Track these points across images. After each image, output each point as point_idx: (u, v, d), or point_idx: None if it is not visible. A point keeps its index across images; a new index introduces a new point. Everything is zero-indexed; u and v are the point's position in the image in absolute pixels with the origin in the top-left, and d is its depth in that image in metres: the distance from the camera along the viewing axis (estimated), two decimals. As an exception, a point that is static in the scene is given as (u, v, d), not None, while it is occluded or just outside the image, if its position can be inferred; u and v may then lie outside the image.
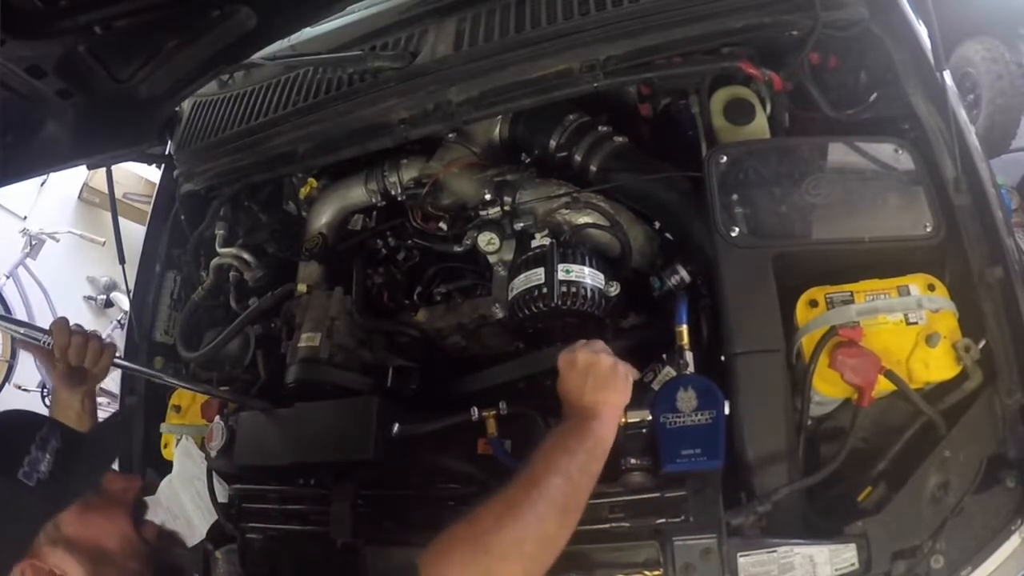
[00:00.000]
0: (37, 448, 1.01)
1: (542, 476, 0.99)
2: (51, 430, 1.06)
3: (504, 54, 1.61)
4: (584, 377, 1.12)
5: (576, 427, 1.07)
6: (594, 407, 1.09)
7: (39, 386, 4.44)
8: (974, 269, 1.22)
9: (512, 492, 0.98)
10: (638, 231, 1.52)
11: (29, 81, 1.28)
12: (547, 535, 0.97)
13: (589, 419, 1.08)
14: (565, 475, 1.00)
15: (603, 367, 1.12)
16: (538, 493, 0.97)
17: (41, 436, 1.03)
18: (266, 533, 1.49)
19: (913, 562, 1.10)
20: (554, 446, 1.04)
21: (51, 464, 1.01)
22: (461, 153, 1.71)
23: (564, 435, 1.06)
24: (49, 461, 1.01)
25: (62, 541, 1.04)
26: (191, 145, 2.01)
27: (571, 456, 1.02)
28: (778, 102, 1.51)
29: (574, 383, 1.12)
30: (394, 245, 1.76)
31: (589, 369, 1.12)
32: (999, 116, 3.46)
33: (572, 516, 0.99)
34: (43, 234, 4.45)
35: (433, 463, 1.39)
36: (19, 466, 0.99)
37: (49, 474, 1.00)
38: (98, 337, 1.47)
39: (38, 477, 0.99)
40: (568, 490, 0.99)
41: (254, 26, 1.37)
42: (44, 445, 1.03)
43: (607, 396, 1.11)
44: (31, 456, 1.00)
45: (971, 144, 1.32)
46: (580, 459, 1.03)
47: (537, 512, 0.96)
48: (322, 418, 1.43)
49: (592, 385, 1.11)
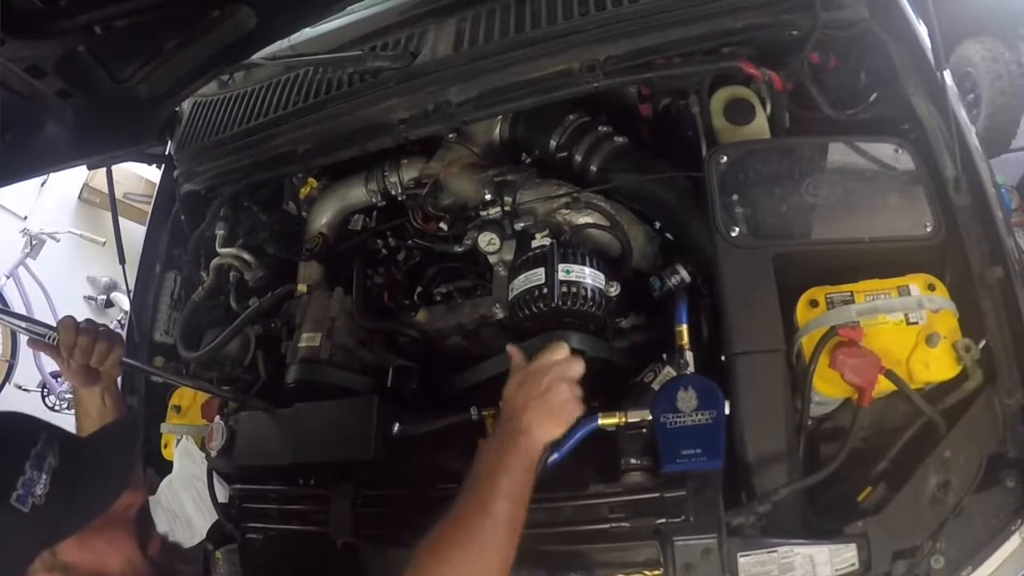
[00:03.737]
0: (32, 467, 0.91)
1: (491, 501, 1.01)
2: (47, 444, 0.95)
3: (504, 54, 1.61)
4: (538, 398, 1.10)
5: (510, 444, 1.07)
6: (530, 428, 1.08)
7: (39, 386, 4.44)
8: (974, 269, 1.22)
9: (470, 522, 0.99)
10: (638, 231, 1.52)
11: (29, 81, 1.28)
12: (505, 556, 0.99)
13: (521, 434, 1.07)
14: (509, 496, 1.02)
15: (559, 398, 1.10)
16: (492, 522, 0.99)
17: (37, 452, 0.93)
18: (266, 533, 1.49)
19: (913, 562, 1.10)
20: (496, 466, 1.04)
21: (48, 486, 0.91)
22: (461, 153, 1.71)
23: (500, 452, 1.06)
24: (46, 482, 0.91)
25: (59, 568, 0.94)
26: (191, 145, 2.01)
27: (511, 475, 1.03)
28: (778, 102, 1.51)
29: (524, 396, 1.11)
30: (394, 245, 1.76)
31: (546, 393, 1.10)
32: (999, 116, 3.47)
33: (519, 529, 1.02)
34: (43, 234, 4.45)
35: (433, 463, 1.39)
36: (12, 489, 0.88)
37: (45, 498, 0.90)
38: (107, 335, 1.42)
39: (33, 502, 0.89)
40: (515, 512, 1.02)
41: (254, 26, 1.37)
42: (40, 463, 0.92)
43: (546, 427, 1.09)
44: (25, 476, 0.90)
45: (971, 144, 1.32)
46: (518, 476, 1.04)
47: (496, 540, 0.99)
48: (322, 418, 1.43)
49: (539, 409, 1.09)
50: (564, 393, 1.11)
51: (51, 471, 0.93)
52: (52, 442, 0.96)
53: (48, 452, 0.94)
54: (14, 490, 0.88)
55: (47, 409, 4.39)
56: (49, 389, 4.45)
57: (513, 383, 1.15)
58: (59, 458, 0.95)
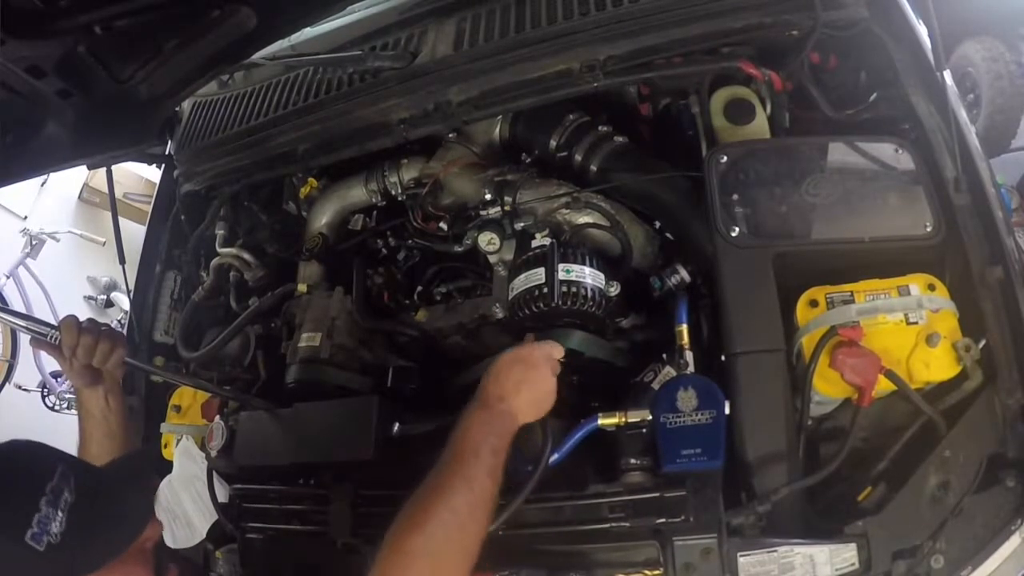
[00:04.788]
0: (48, 504, 0.89)
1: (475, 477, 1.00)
2: (63, 479, 0.93)
3: (504, 54, 1.61)
4: (527, 385, 1.11)
5: (499, 424, 1.07)
6: (518, 412, 1.09)
7: (39, 386, 4.43)
8: (974, 269, 1.22)
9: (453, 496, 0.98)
10: (638, 231, 1.52)
11: (29, 81, 1.28)
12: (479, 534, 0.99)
13: (509, 416, 1.08)
14: (491, 474, 1.02)
15: (548, 387, 1.13)
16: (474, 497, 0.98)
17: (53, 488, 0.91)
18: (266, 533, 1.49)
19: (913, 562, 1.10)
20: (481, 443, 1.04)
21: (64, 524, 0.89)
22: (461, 153, 1.71)
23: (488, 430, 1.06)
24: (62, 520, 0.89)
25: None
26: (191, 145, 2.01)
27: (496, 454, 1.04)
28: (778, 102, 1.51)
29: (513, 382, 1.11)
30: (394, 245, 1.76)
31: (535, 384, 1.12)
32: (999, 116, 3.47)
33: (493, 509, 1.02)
34: (43, 234, 4.45)
35: (433, 463, 1.38)
36: (28, 527, 0.86)
37: (61, 536, 0.88)
38: (109, 335, 1.42)
39: (48, 540, 0.87)
40: (493, 490, 1.02)
41: (254, 26, 1.37)
42: (56, 500, 0.90)
43: (530, 414, 1.11)
44: (41, 514, 0.87)
45: (971, 144, 1.32)
46: (501, 456, 1.04)
47: (476, 516, 0.98)
48: (322, 418, 1.43)
49: (529, 396, 1.11)
50: (551, 383, 1.13)
51: (67, 508, 0.91)
52: (68, 476, 0.94)
53: (64, 487, 0.92)
54: (30, 528, 0.86)
55: (47, 409, 4.39)
56: (49, 389, 4.44)
57: (509, 358, 1.14)
58: (75, 494, 0.93)
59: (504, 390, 1.10)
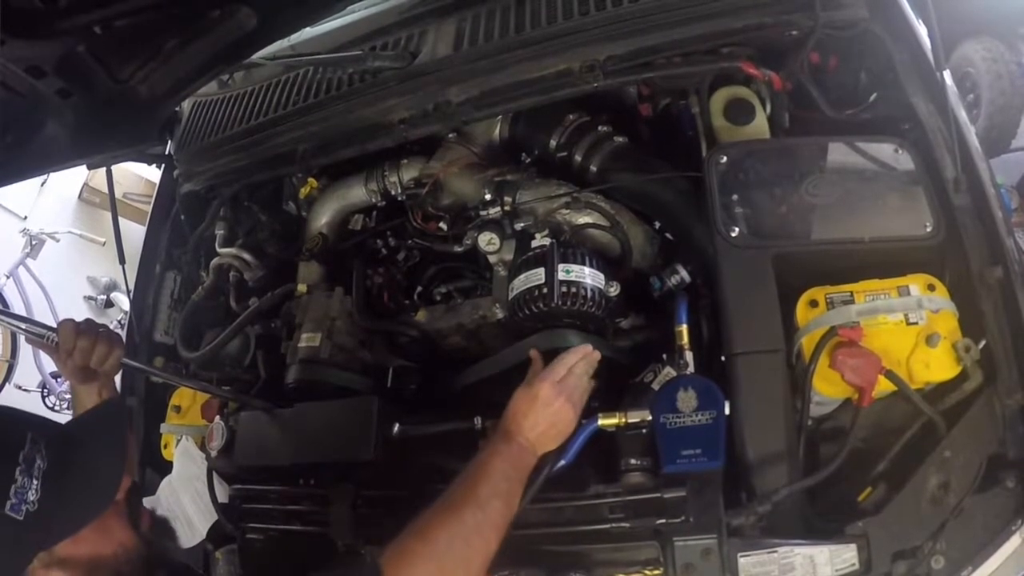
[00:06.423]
0: (23, 474, 0.90)
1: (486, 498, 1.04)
2: (34, 445, 0.94)
3: (504, 54, 1.61)
4: (550, 419, 1.15)
5: (517, 459, 1.11)
6: (537, 446, 1.14)
7: (39, 386, 4.44)
8: (974, 269, 1.22)
9: (462, 511, 1.02)
10: (638, 231, 1.52)
11: (29, 81, 1.28)
12: (486, 553, 1.02)
13: (528, 452, 1.13)
14: (504, 498, 1.06)
15: (567, 418, 1.16)
16: (483, 515, 1.03)
17: (25, 456, 0.92)
18: (266, 533, 1.49)
19: (913, 562, 1.10)
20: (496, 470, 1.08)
21: (39, 491, 0.90)
22: (461, 153, 1.71)
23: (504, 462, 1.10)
24: (37, 488, 0.90)
25: (56, 564, 0.96)
26: (191, 145, 2.01)
27: (510, 482, 1.08)
28: (778, 102, 1.51)
29: (537, 417, 1.14)
30: (394, 245, 1.76)
31: (553, 419, 1.15)
32: (999, 116, 3.47)
33: (503, 534, 1.05)
34: (43, 234, 4.46)
35: (433, 464, 1.39)
36: (6, 498, 0.88)
37: (38, 503, 0.90)
38: (106, 337, 1.43)
39: (27, 509, 0.89)
40: (505, 513, 1.06)
41: (254, 26, 1.37)
42: (30, 468, 0.91)
43: (550, 446, 1.15)
44: (17, 484, 0.89)
45: (971, 144, 1.32)
46: (515, 484, 1.09)
47: (483, 534, 1.02)
48: (322, 418, 1.43)
49: (549, 433, 1.15)
50: (570, 413, 1.16)
51: (41, 475, 0.92)
52: (38, 442, 0.95)
53: (36, 455, 0.93)
54: (8, 499, 0.88)
55: (47, 409, 4.39)
56: (49, 389, 4.45)
57: (527, 397, 1.16)
58: (47, 460, 0.94)
59: (520, 427, 1.14)
